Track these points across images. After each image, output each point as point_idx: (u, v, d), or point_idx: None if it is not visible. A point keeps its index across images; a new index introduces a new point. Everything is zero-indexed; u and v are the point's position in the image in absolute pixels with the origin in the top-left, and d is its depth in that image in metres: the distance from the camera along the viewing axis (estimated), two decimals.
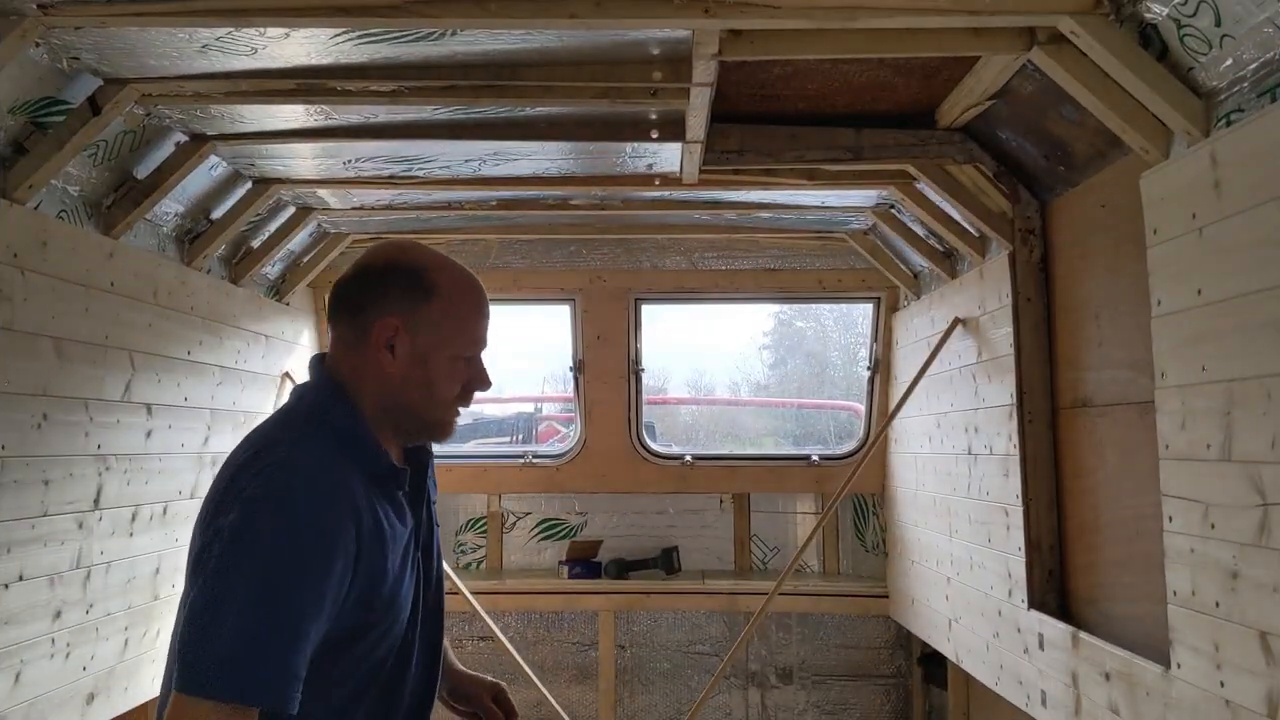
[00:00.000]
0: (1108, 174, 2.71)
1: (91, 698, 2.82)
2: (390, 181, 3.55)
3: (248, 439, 1.61)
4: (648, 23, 2.20)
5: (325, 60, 2.50)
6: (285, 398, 4.26)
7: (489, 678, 1.98)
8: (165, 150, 3.03)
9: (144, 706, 3.29)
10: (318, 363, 1.65)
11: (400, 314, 1.57)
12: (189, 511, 3.38)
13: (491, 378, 1.70)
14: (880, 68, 2.75)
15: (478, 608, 4.38)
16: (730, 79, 2.78)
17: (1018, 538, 3.14)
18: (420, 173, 3.47)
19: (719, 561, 5.13)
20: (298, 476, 1.47)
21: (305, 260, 4.40)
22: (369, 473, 1.56)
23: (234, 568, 1.40)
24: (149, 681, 3.15)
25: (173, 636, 1.48)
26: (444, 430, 1.68)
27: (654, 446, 5.06)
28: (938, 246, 3.91)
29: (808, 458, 5.06)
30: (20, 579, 2.49)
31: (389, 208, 4.02)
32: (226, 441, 3.65)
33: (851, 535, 5.08)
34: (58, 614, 2.66)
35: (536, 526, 5.14)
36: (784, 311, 9.04)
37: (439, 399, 1.63)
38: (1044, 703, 2.93)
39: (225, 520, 1.44)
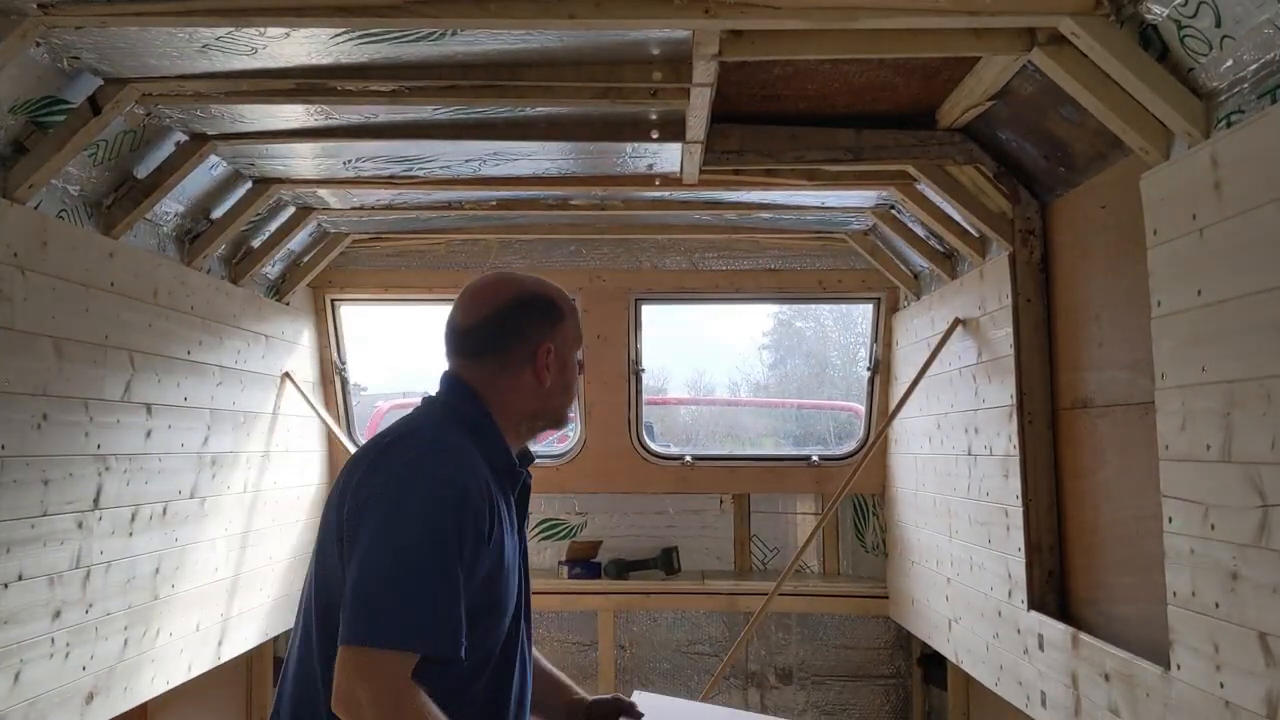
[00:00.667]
0: (1108, 175, 2.71)
1: (91, 697, 2.82)
2: (390, 181, 3.55)
3: (391, 428, 1.86)
4: (648, 23, 2.20)
5: (325, 60, 2.50)
6: (286, 398, 4.27)
7: (608, 695, 2.10)
8: (165, 150, 3.03)
9: (144, 706, 3.29)
10: (451, 377, 1.87)
11: (549, 338, 1.85)
12: (189, 511, 3.38)
13: None
14: (880, 68, 2.75)
15: None
16: (730, 79, 2.78)
17: (1017, 538, 3.14)
18: (420, 173, 3.47)
19: (719, 562, 5.13)
20: (442, 455, 1.71)
21: (305, 260, 4.40)
22: (494, 465, 1.78)
23: (391, 533, 1.61)
24: (148, 681, 3.15)
25: (309, 599, 1.72)
26: (567, 418, 2.00)
27: (654, 447, 5.05)
28: (938, 247, 3.91)
29: (808, 458, 5.05)
30: (20, 579, 2.49)
31: (389, 208, 4.02)
32: (226, 441, 3.65)
33: (851, 536, 5.08)
34: (57, 614, 2.65)
35: (536, 526, 5.14)
36: (783, 312, 9.04)
37: (572, 393, 1.94)
38: (1044, 703, 2.93)
39: (376, 493, 1.65)
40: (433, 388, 1.98)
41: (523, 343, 1.83)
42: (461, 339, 1.86)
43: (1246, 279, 1.86)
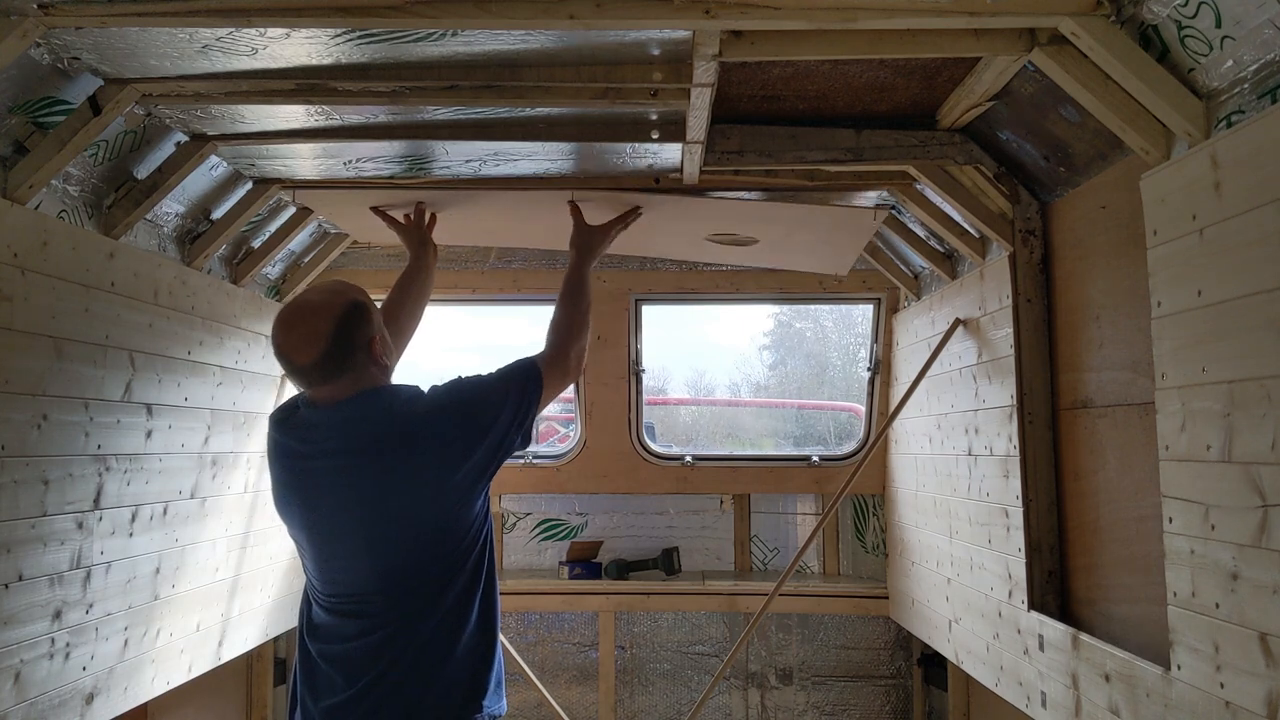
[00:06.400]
0: (1108, 175, 2.71)
1: (91, 698, 2.82)
2: (390, 182, 3.55)
3: (397, 394, 2.36)
4: (648, 23, 2.20)
5: (326, 60, 2.50)
6: (285, 398, 4.26)
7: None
8: (166, 150, 3.03)
9: (144, 707, 3.29)
10: (369, 391, 2.32)
11: (372, 330, 2.31)
12: (189, 511, 3.38)
13: None
14: (881, 69, 2.75)
15: None
16: (731, 79, 2.78)
17: (1018, 539, 3.14)
18: (420, 173, 3.47)
19: (719, 562, 5.13)
20: None
21: (306, 260, 4.40)
22: None
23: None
24: (149, 681, 3.16)
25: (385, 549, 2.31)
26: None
27: (654, 447, 5.05)
28: (938, 247, 3.91)
29: (808, 458, 5.06)
30: (20, 579, 2.49)
31: None
32: (227, 442, 3.65)
33: (852, 536, 5.08)
34: (58, 614, 2.66)
35: (537, 527, 5.14)
36: (783, 313, 9.06)
37: (391, 347, 2.47)
38: (1044, 704, 2.93)
39: (439, 395, 2.35)
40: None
41: (359, 349, 2.26)
42: (313, 373, 2.23)
43: (1246, 279, 1.86)
